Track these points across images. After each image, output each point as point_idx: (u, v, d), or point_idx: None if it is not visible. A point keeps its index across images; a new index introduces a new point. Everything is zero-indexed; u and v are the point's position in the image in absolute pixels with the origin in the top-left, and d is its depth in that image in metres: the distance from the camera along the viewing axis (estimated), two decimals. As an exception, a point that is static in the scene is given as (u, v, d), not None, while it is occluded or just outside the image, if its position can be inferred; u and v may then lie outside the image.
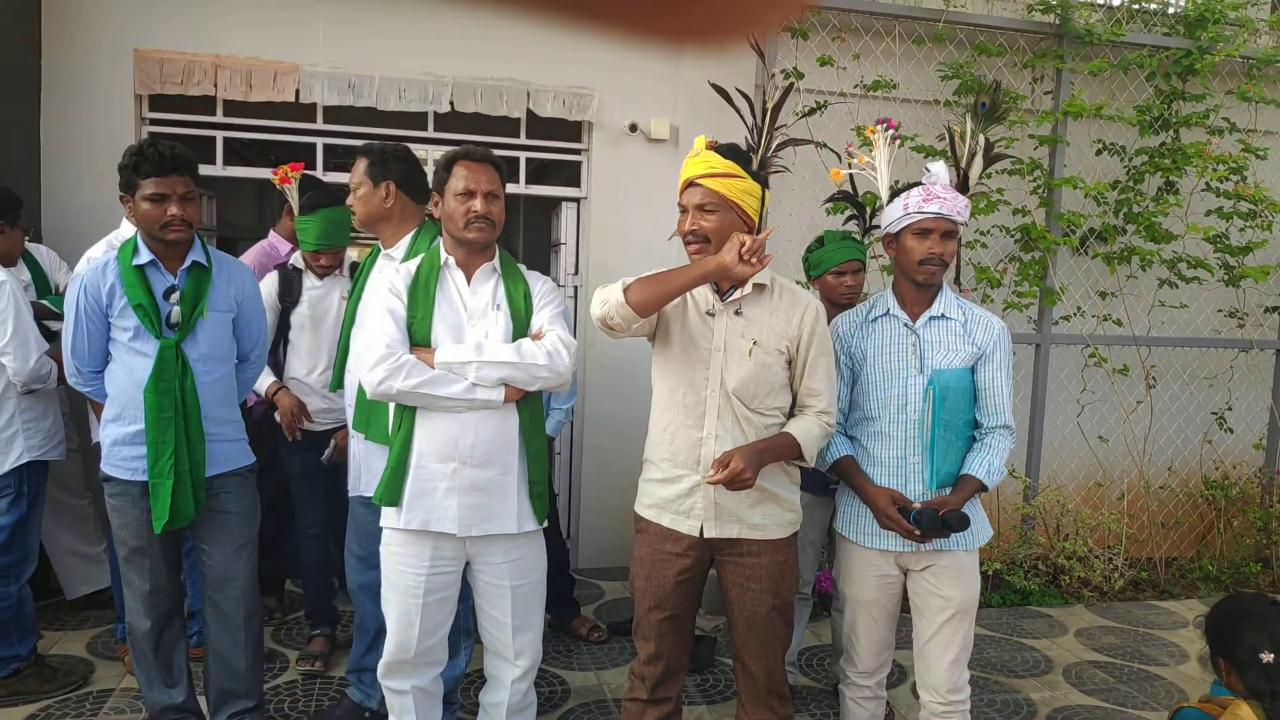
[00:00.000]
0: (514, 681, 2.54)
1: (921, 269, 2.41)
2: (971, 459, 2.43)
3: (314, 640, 3.62)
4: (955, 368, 2.41)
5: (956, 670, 2.48)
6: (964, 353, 2.44)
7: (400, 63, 4.42)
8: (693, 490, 2.31)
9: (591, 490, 4.84)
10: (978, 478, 2.40)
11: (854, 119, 4.62)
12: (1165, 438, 5.31)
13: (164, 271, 2.59)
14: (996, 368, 2.45)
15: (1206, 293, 5.19)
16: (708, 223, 2.26)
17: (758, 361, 2.29)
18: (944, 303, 2.48)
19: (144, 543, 2.62)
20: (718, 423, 2.29)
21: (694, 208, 2.28)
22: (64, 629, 3.78)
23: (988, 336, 2.45)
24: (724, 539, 2.33)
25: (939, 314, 2.47)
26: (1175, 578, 5.11)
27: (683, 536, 2.33)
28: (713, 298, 2.33)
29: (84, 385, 2.64)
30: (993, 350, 2.45)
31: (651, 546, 2.37)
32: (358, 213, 2.83)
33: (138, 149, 2.53)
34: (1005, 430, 2.47)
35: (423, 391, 2.31)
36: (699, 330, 2.31)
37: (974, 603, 2.49)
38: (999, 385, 2.45)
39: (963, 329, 2.46)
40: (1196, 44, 4.75)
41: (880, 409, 2.45)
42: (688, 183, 2.30)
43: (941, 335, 2.46)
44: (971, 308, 2.51)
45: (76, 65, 4.14)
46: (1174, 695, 3.66)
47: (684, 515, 2.33)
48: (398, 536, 2.42)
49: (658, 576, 2.35)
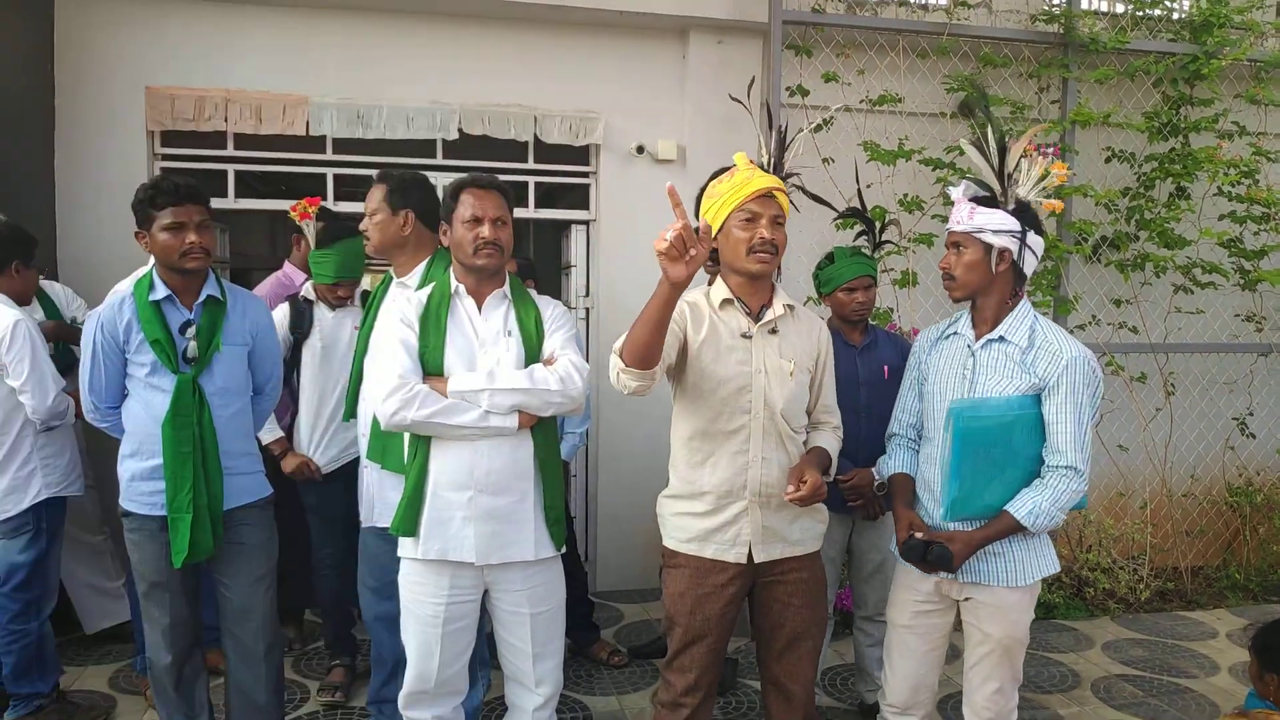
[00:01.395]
0: (536, 710, 2.52)
1: (948, 283, 2.40)
2: (1020, 496, 2.29)
3: (334, 670, 3.61)
4: (1004, 396, 2.29)
5: (1000, 699, 2.43)
6: (1020, 382, 2.29)
7: (407, 91, 4.46)
8: (739, 517, 2.30)
9: (608, 513, 4.83)
10: (1015, 517, 2.26)
11: (861, 134, 4.63)
12: (1186, 445, 5.25)
13: (180, 307, 2.60)
14: (1062, 402, 2.26)
15: (1223, 297, 5.15)
16: (779, 235, 2.29)
17: (798, 382, 2.32)
18: (1011, 324, 2.33)
19: (163, 577, 2.62)
20: (764, 445, 2.28)
21: (771, 218, 2.27)
22: (85, 664, 3.78)
23: (1052, 367, 2.27)
24: (769, 561, 2.33)
25: (998, 337, 2.33)
26: (1202, 587, 5.04)
27: (729, 565, 2.31)
28: (746, 320, 2.32)
29: (102, 421, 2.66)
30: (1057, 381, 2.26)
31: (694, 581, 2.33)
32: (373, 239, 2.81)
33: (151, 184, 2.56)
34: (1070, 472, 2.26)
35: (437, 421, 2.31)
36: (736, 354, 2.29)
37: (1018, 640, 2.38)
38: (1062, 421, 2.26)
39: (1022, 355, 2.30)
40: (1203, 49, 4.73)
41: (934, 430, 2.42)
42: (764, 192, 2.26)
43: (996, 360, 2.33)
44: (1049, 332, 2.33)
45: (89, 103, 4.20)
46: (1205, 708, 3.60)
47: (729, 544, 2.31)
48: (416, 566, 2.41)
49: (702, 611, 2.32)
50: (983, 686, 2.43)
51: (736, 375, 2.27)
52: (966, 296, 2.40)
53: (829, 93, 4.59)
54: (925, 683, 2.51)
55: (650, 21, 4.62)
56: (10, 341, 3.02)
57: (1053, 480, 2.28)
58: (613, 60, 4.70)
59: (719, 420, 2.29)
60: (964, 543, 2.27)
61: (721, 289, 2.35)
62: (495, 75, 4.56)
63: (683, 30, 4.70)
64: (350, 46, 4.42)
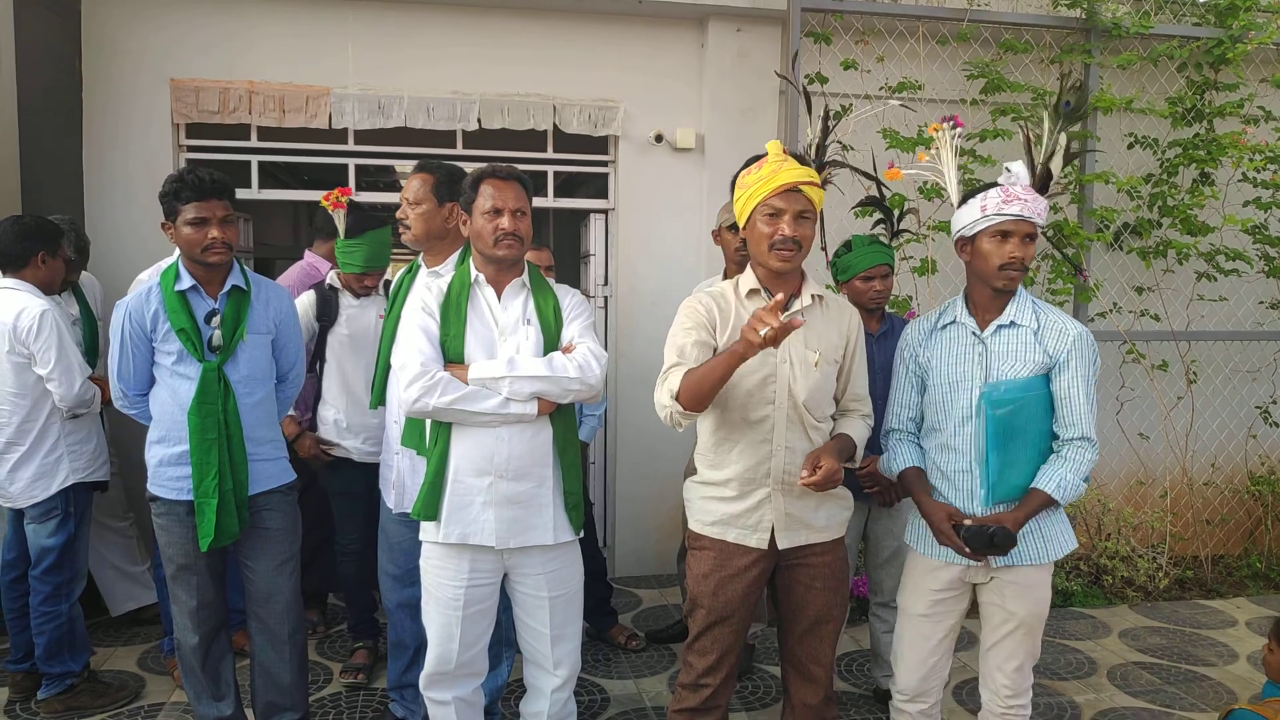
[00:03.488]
0: (554, 691, 2.56)
1: (1002, 274, 2.32)
2: (1043, 472, 2.34)
3: (356, 653, 3.67)
4: (1021, 378, 2.33)
5: (1019, 677, 2.46)
6: (1034, 362, 2.33)
7: (428, 82, 4.49)
8: (761, 504, 2.33)
9: (626, 499, 4.86)
10: (1046, 492, 2.31)
11: (880, 122, 4.61)
12: (1208, 433, 5.22)
13: (205, 296, 2.66)
14: (1073, 376, 2.33)
15: (1246, 285, 5.09)
16: (804, 230, 2.26)
17: (823, 372, 2.32)
18: (1017, 308, 2.38)
19: (190, 560, 2.68)
20: (787, 434, 2.30)
21: (796, 214, 2.24)
22: (115, 645, 3.87)
23: (1061, 343, 2.34)
24: (793, 547, 2.35)
25: (1008, 322, 2.37)
26: (1222, 576, 5.01)
27: (751, 550, 2.34)
28: None
29: (130, 408, 2.72)
30: (1067, 357, 2.33)
31: (717, 563, 2.37)
32: (414, 229, 2.81)
33: (177, 177, 2.60)
34: (1084, 443, 2.34)
35: (458, 408, 2.35)
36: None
37: (1040, 616, 2.43)
38: (1075, 395, 2.33)
39: (1034, 336, 2.35)
40: (1228, 33, 4.67)
41: (945, 420, 2.42)
42: (789, 187, 2.24)
43: (1010, 344, 2.36)
44: (1049, 312, 2.40)
45: (115, 97, 4.26)
46: (1223, 696, 3.59)
47: (751, 529, 2.34)
48: (437, 550, 2.46)
49: (725, 592, 2.36)
50: (1004, 665, 2.45)
51: (761, 366, 2.28)
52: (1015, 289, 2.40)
53: (848, 80, 4.58)
54: (937, 669, 2.53)
55: (669, 10, 4.62)
56: (38, 330, 3.10)
57: (1070, 452, 2.34)
58: (632, 49, 4.70)
59: (743, 410, 2.32)
60: (1012, 523, 2.29)
61: (750, 278, 2.37)
62: (515, 65, 4.58)
63: (701, 19, 4.69)
64: (371, 38, 4.45)
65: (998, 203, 2.30)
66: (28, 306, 3.12)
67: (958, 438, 2.39)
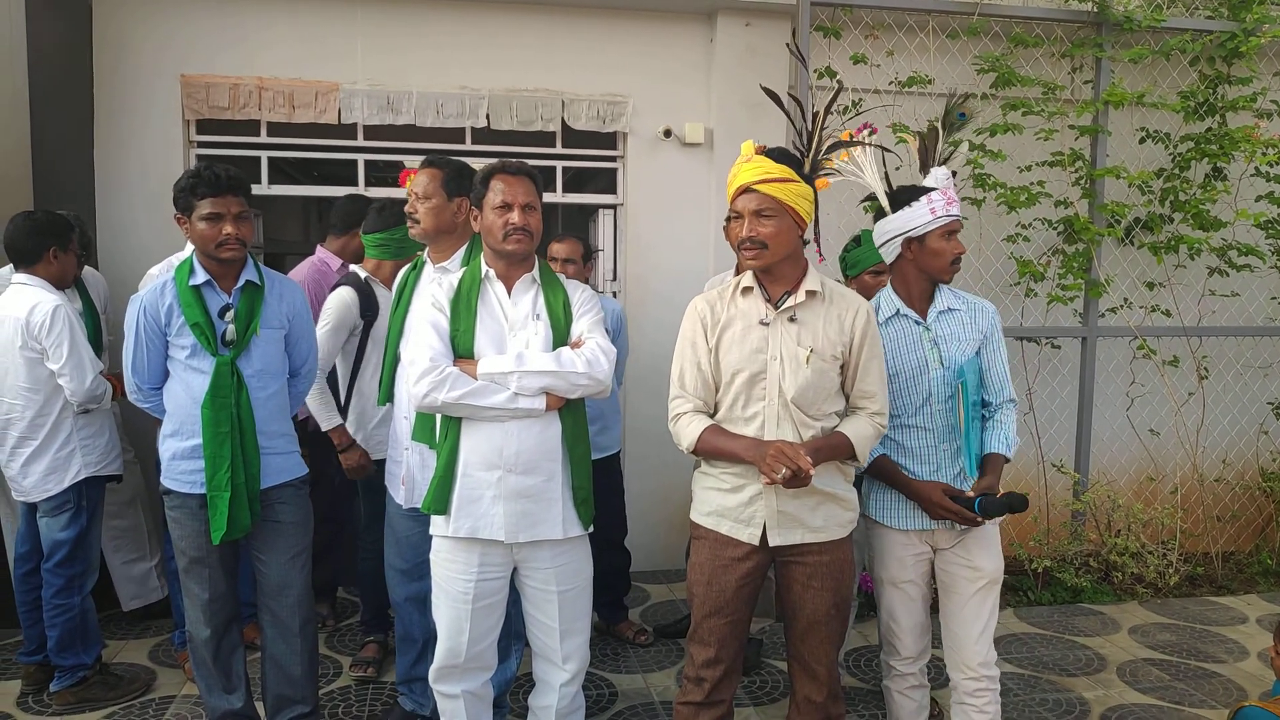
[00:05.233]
0: (562, 685, 2.57)
1: (952, 268, 2.53)
2: (990, 437, 2.57)
3: (366, 646, 3.69)
4: (969, 357, 2.53)
5: (985, 642, 2.55)
6: (972, 340, 2.56)
7: (436, 77, 4.50)
8: (754, 499, 2.33)
9: (635, 495, 4.86)
10: (1001, 453, 2.54)
11: (891, 115, 4.60)
12: (1219, 429, 5.19)
13: (219, 291, 2.67)
14: (996, 346, 2.60)
15: (1259, 280, 5.07)
16: (765, 228, 2.27)
17: (815, 369, 2.30)
18: (944, 297, 2.59)
19: (203, 553, 2.70)
20: (777, 431, 2.30)
21: (750, 214, 2.27)
22: (126, 638, 3.90)
23: (986, 319, 2.59)
24: (788, 545, 2.35)
25: (945, 308, 2.58)
26: (1233, 572, 4.99)
27: (743, 544, 2.35)
28: (765, 307, 2.33)
29: (144, 401, 2.74)
30: (991, 331, 2.59)
31: (711, 553, 2.38)
32: (424, 223, 2.83)
33: (194, 172, 2.61)
34: (1010, 404, 2.61)
35: (467, 402, 2.36)
36: (755, 341, 2.31)
37: (1001, 572, 2.58)
38: (998, 362, 2.60)
39: (969, 318, 2.57)
40: (1241, 26, 4.64)
41: (905, 405, 2.54)
42: (742, 189, 2.28)
43: (952, 328, 2.57)
44: (965, 296, 2.63)
45: (127, 93, 4.28)
46: (1233, 693, 3.58)
47: (744, 523, 2.34)
48: (446, 544, 2.47)
49: (718, 583, 2.36)
50: (970, 629, 2.53)
51: (752, 363, 2.30)
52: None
53: (858, 74, 4.57)
54: (927, 626, 2.65)
55: (678, 5, 4.61)
56: (50, 325, 3.12)
57: (1003, 415, 2.60)
58: (640, 45, 4.70)
59: (735, 407, 2.33)
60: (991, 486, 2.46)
61: (747, 276, 2.38)
62: (523, 61, 4.58)
63: (710, 13, 4.69)
64: (379, 33, 4.46)
65: (943, 204, 2.50)
66: (40, 302, 3.14)
67: (919, 417, 2.53)
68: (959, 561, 2.54)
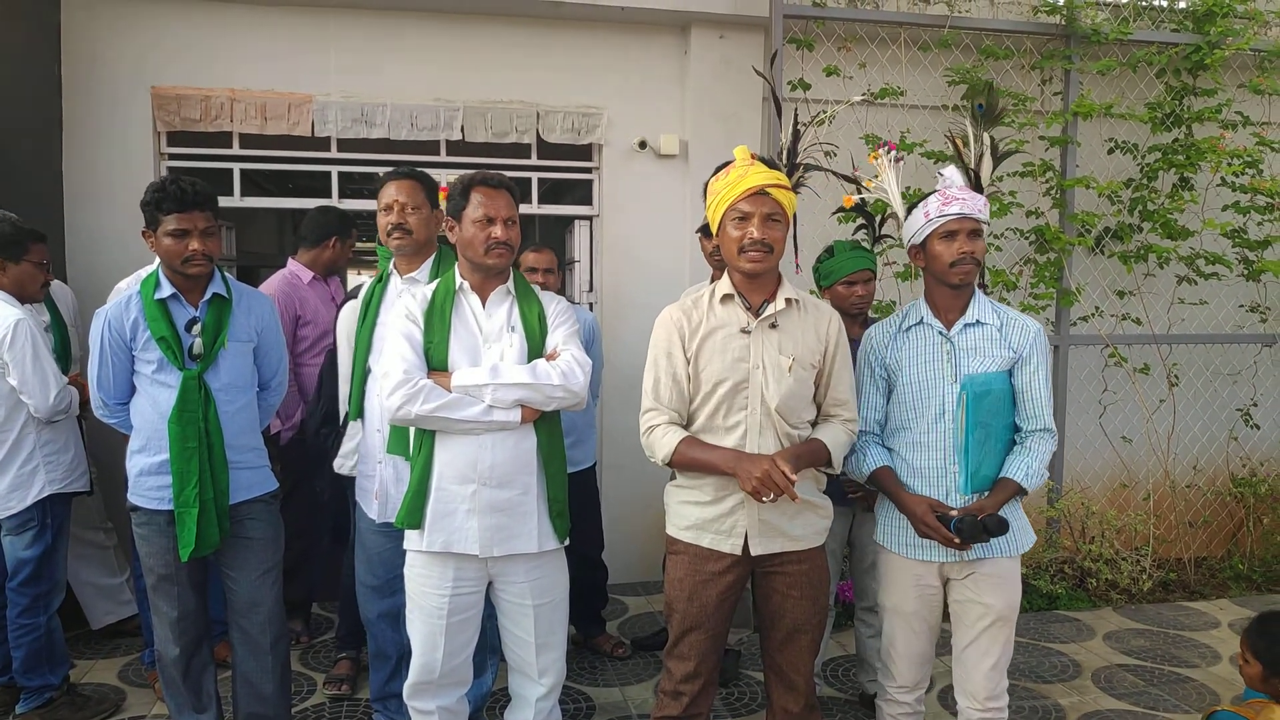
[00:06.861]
0: (538, 700, 2.55)
1: (955, 271, 2.41)
2: (1010, 462, 2.44)
3: (340, 663, 3.64)
4: (990, 372, 2.42)
5: (995, 676, 2.47)
6: (1000, 357, 2.43)
7: (411, 89, 4.49)
8: (735, 510, 2.32)
9: (612, 507, 4.84)
10: (1015, 480, 2.39)
11: (863, 128, 4.64)
12: (1190, 436, 5.26)
13: (185, 304, 2.64)
14: (1034, 370, 2.44)
15: (1226, 288, 5.14)
16: (774, 232, 2.28)
17: (796, 378, 2.31)
18: (978, 308, 2.48)
19: (171, 570, 2.66)
20: (760, 441, 2.30)
21: (764, 217, 2.26)
22: (95, 658, 3.83)
23: (1024, 339, 2.45)
24: (768, 554, 2.34)
25: (974, 320, 2.47)
26: (1205, 577, 5.04)
27: (724, 555, 2.34)
28: (746, 315, 2.33)
29: (110, 417, 2.70)
30: (1029, 353, 2.44)
31: (691, 568, 2.37)
32: (416, 233, 2.84)
33: (159, 186, 2.58)
34: (1045, 433, 2.46)
35: (441, 415, 2.34)
36: (736, 351, 2.31)
37: (1015, 609, 2.47)
38: (1037, 388, 2.44)
39: (998, 333, 2.45)
40: (1206, 39, 4.72)
41: (917, 419, 2.46)
42: (755, 190, 2.26)
43: (977, 342, 2.45)
44: (1007, 311, 2.51)
45: (96, 105, 4.23)
46: (1206, 697, 3.61)
47: (725, 534, 2.34)
48: (421, 559, 2.45)
49: (699, 598, 2.35)
50: (980, 664, 2.46)
51: (734, 373, 2.29)
52: (972, 283, 2.48)
53: (830, 86, 4.60)
54: (929, 657, 2.58)
55: (652, 17, 4.63)
56: (10, 341, 3.05)
57: (1034, 443, 2.45)
58: (615, 57, 4.71)
59: (716, 417, 2.32)
60: (992, 510, 2.35)
61: (725, 284, 2.38)
62: (498, 72, 4.58)
63: (684, 25, 4.71)
64: (353, 46, 4.44)
65: (938, 206, 2.43)
66: (1, 316, 3.09)
67: (931, 434, 2.44)
68: (969, 596, 2.46)
